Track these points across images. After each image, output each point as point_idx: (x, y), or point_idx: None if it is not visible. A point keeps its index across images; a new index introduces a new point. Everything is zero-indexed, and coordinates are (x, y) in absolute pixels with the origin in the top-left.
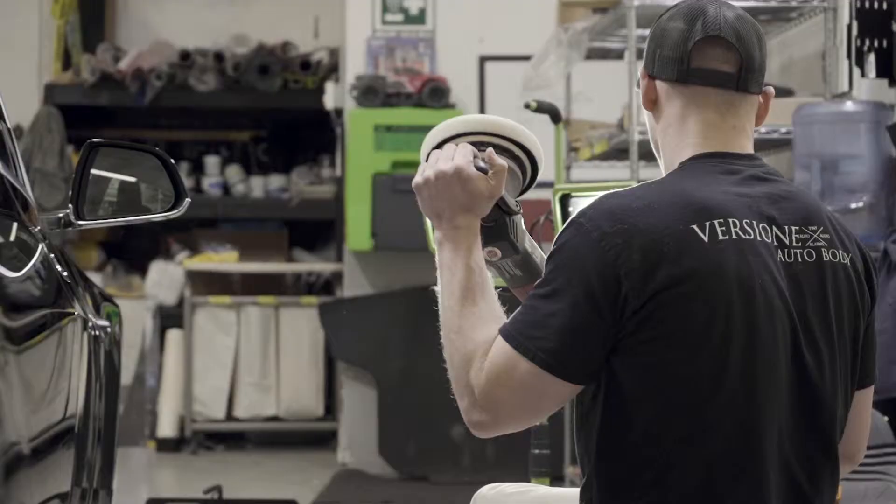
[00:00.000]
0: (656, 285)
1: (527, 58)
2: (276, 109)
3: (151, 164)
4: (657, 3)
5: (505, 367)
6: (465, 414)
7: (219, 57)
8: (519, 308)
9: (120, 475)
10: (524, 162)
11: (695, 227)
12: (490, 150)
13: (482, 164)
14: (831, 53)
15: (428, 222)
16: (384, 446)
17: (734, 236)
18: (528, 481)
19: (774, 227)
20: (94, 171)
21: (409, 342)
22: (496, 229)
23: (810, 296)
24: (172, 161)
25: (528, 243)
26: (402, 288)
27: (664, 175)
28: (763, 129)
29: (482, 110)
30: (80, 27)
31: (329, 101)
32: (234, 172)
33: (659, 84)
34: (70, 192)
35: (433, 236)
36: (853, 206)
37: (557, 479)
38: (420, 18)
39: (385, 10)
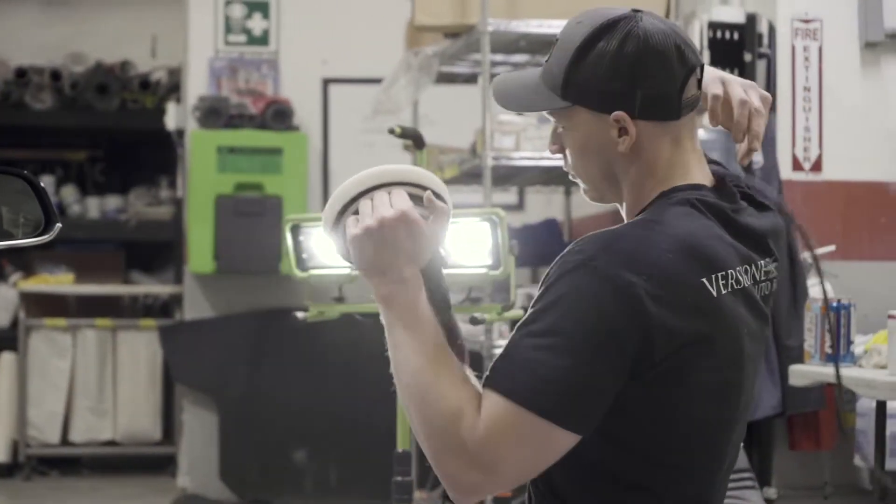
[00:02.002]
0: (679, 342)
1: (370, 81)
2: (114, 129)
3: (13, 186)
4: (511, 29)
5: (511, 424)
6: (455, 476)
7: (56, 75)
8: (508, 356)
9: None
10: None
11: (705, 280)
12: (429, 192)
13: (421, 210)
14: None
15: (290, 248)
16: (225, 471)
17: (731, 289)
18: None
19: (752, 267)
20: None
21: (251, 365)
22: (430, 282)
23: (763, 328)
24: (42, 184)
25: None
26: (244, 311)
27: (626, 208)
28: None
29: (326, 133)
30: None
31: (171, 122)
32: (69, 193)
33: (643, 124)
34: None
35: (375, 294)
36: None
37: None
38: (263, 40)
39: (228, 30)
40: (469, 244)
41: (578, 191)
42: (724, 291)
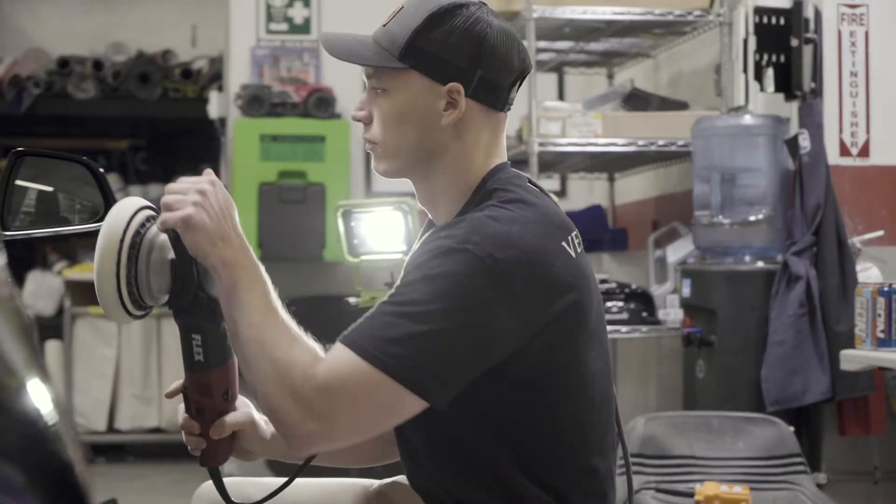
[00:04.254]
0: (556, 308)
1: None
2: (156, 118)
3: (69, 173)
4: (556, 15)
5: (351, 377)
6: (294, 427)
7: (98, 65)
8: (364, 320)
9: None
10: None
11: (564, 244)
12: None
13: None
14: (727, 68)
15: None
16: None
17: (580, 248)
18: None
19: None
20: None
21: None
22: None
23: None
24: (102, 170)
25: None
26: (288, 297)
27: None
28: (661, 142)
29: None
30: None
31: (213, 111)
32: (112, 181)
33: (472, 104)
34: None
35: (215, 261)
36: (752, 218)
37: None
38: (305, 28)
39: (269, 19)
40: (385, 232)
41: (622, 177)
42: (578, 250)
